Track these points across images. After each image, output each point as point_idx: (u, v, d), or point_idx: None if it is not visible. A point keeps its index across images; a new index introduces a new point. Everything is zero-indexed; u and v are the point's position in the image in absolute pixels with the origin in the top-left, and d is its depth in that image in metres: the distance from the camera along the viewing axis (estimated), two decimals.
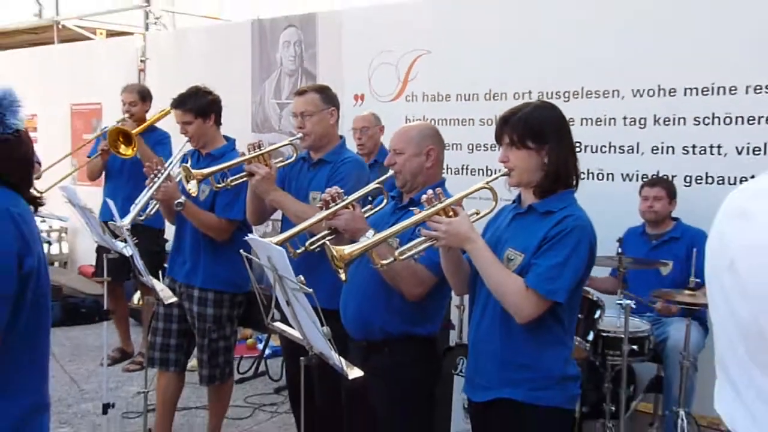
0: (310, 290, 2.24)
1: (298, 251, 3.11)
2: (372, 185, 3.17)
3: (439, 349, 3.28)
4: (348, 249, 2.54)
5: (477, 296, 2.67)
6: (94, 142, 6.10)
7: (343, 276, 2.54)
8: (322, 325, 2.26)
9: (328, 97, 3.81)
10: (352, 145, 4.70)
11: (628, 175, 4.88)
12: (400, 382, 2.99)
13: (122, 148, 5.58)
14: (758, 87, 4.42)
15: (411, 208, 2.70)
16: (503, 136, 2.57)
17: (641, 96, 4.83)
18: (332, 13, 6.61)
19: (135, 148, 5.54)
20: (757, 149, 4.45)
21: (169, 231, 4.77)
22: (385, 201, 3.15)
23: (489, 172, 2.95)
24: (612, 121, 4.95)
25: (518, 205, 2.67)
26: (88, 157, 6.11)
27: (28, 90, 8.86)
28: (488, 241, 2.57)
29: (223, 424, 4.54)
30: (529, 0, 5.65)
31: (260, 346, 6.18)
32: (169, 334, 4.29)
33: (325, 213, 2.94)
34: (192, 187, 3.78)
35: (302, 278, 2.26)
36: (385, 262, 2.59)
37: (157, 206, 4.13)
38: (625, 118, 4.90)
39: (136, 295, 6.75)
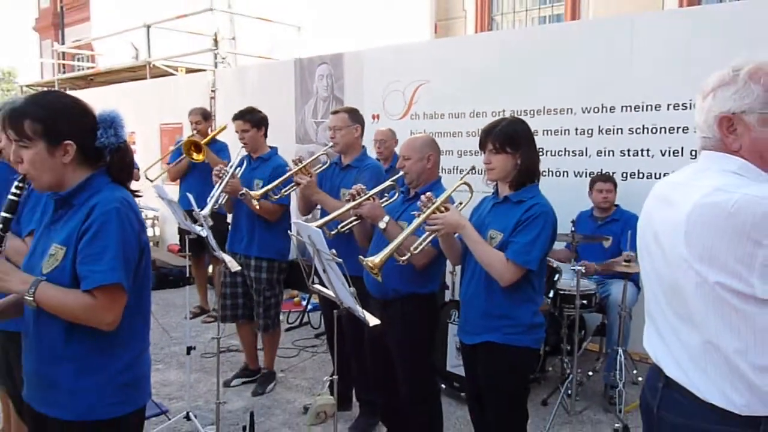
0: (341, 260, 2.25)
1: (332, 232, 3.15)
2: (387, 183, 3.18)
3: (438, 303, 3.28)
4: (377, 258, 2.57)
5: (467, 265, 2.69)
6: (174, 152, 6.13)
7: (379, 278, 2.56)
8: (350, 287, 2.26)
9: (355, 116, 3.81)
10: (372, 152, 4.69)
11: (579, 172, 4.84)
12: (408, 328, 3.00)
13: (194, 155, 5.62)
14: (677, 104, 4.38)
15: (413, 212, 2.69)
16: (487, 144, 2.58)
17: (589, 112, 4.78)
18: (356, 53, 6.57)
19: (204, 155, 5.57)
20: (676, 152, 4.40)
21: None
22: (396, 194, 3.16)
23: (476, 171, 2.94)
24: (566, 131, 4.90)
25: (496, 196, 2.67)
26: (168, 163, 6.14)
27: (128, 113, 8.94)
28: (474, 224, 2.59)
29: (275, 361, 4.58)
30: (500, 41, 5.63)
31: (304, 302, 6.20)
32: (236, 295, 4.32)
33: (352, 204, 2.96)
34: (256, 205, 3.83)
35: (334, 251, 2.26)
36: (404, 258, 2.65)
37: (226, 197, 4.13)
38: (576, 129, 4.85)
39: (211, 266, 6.78)
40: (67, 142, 1.77)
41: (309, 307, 6.07)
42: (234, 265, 3.24)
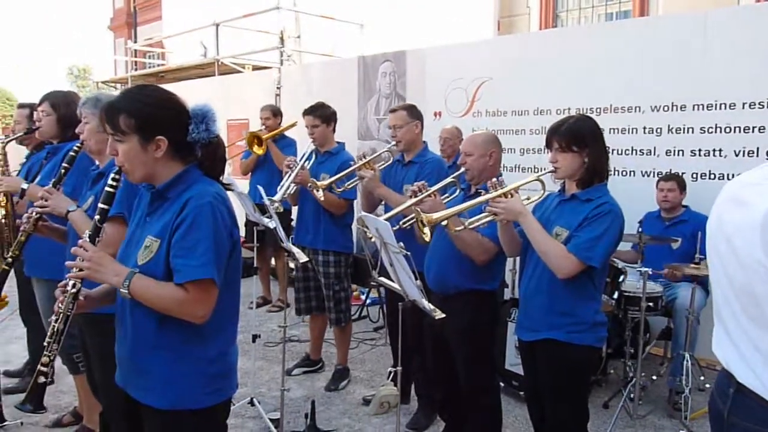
0: (408, 253, 2.29)
1: (395, 228, 3.18)
2: (448, 179, 3.19)
3: (498, 300, 3.28)
4: (435, 216, 2.62)
5: (527, 260, 2.68)
6: (245, 149, 6.32)
7: (426, 237, 2.59)
8: (416, 280, 2.30)
9: (414, 113, 3.85)
10: (435, 148, 4.72)
11: (646, 172, 4.72)
12: (469, 324, 3.01)
13: (255, 148, 5.80)
14: (753, 103, 4.22)
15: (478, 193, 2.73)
16: (553, 142, 2.56)
17: (658, 111, 4.66)
18: (418, 50, 6.59)
19: (264, 148, 5.73)
20: (751, 152, 4.24)
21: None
22: (457, 191, 3.17)
23: (536, 170, 2.94)
24: (634, 130, 4.80)
25: (563, 193, 2.66)
26: (243, 159, 6.33)
27: None
28: (538, 219, 2.57)
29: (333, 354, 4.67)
30: (566, 38, 5.55)
31: (363, 296, 6.29)
32: (308, 288, 4.43)
33: (414, 200, 2.99)
34: (320, 195, 3.92)
35: (402, 244, 2.31)
36: (457, 229, 2.67)
37: (294, 188, 4.22)
38: (644, 127, 4.73)
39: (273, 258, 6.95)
40: (159, 138, 1.81)
41: (368, 301, 6.16)
42: (301, 256, 3.33)
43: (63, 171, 2.83)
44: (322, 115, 4.28)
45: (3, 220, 3.34)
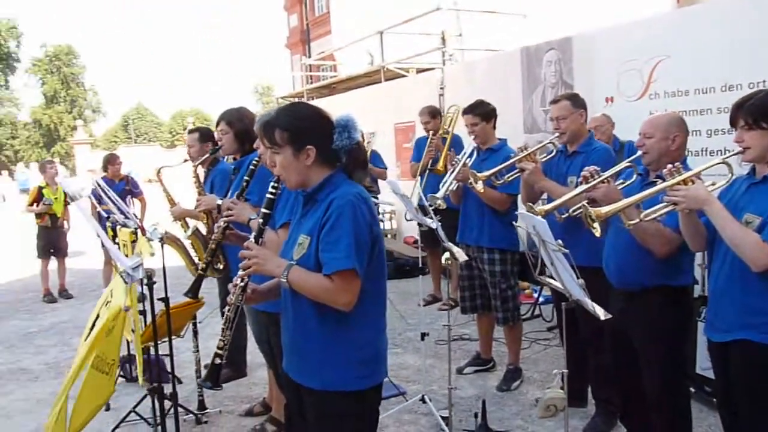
0: (567, 250, 2.19)
1: (563, 216, 3.06)
2: (623, 163, 2.97)
3: (691, 297, 2.99)
4: (604, 210, 2.46)
5: (716, 253, 2.42)
6: (414, 149, 6.46)
7: (597, 233, 2.46)
8: (578, 278, 2.19)
9: (577, 102, 3.68)
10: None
11: None
12: (656, 323, 2.78)
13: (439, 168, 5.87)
14: None
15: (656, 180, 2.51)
16: (738, 120, 2.30)
17: None
18: (585, 34, 6.27)
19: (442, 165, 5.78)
20: None
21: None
22: (634, 177, 2.92)
23: (727, 153, 2.61)
24: None
25: (752, 176, 2.37)
26: (411, 162, 6.47)
27: (367, 116, 9.65)
28: (725, 206, 2.31)
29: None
30: (758, 4, 4.92)
31: (535, 295, 6.12)
32: (473, 287, 4.42)
33: (585, 187, 2.83)
34: (479, 187, 3.90)
35: (560, 242, 2.21)
36: (632, 222, 2.47)
37: (456, 185, 4.23)
38: None
39: (445, 256, 7.01)
40: (308, 147, 2.03)
41: (540, 299, 5.98)
42: (461, 255, 3.34)
43: (245, 183, 3.11)
44: (481, 112, 4.25)
45: (207, 235, 3.83)
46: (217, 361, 2.15)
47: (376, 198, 6.32)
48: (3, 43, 49.65)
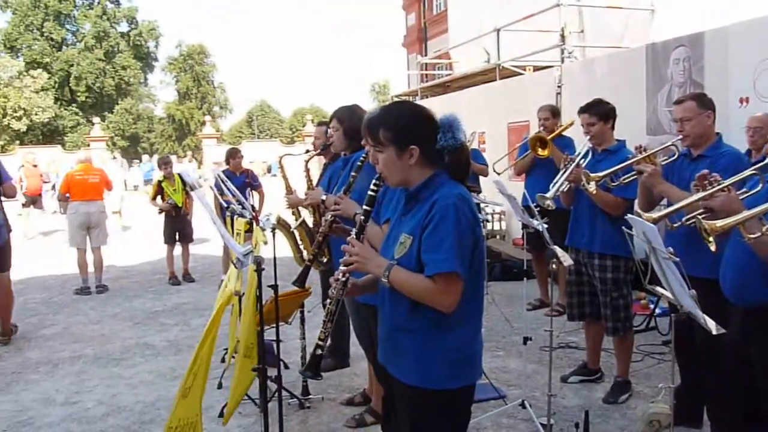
0: (677, 259, 2.07)
1: (675, 225, 2.88)
2: (748, 171, 2.73)
3: None
4: (719, 223, 2.27)
5: None
6: (520, 149, 6.36)
7: (712, 247, 2.29)
8: (689, 288, 2.07)
9: (703, 102, 3.44)
10: (740, 139, 4.14)
11: None
12: None
13: (539, 150, 5.74)
14: None
15: None
16: None
17: None
18: (719, 29, 5.86)
19: (549, 150, 5.64)
20: None
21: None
22: (760, 185, 2.70)
23: None
24: None
25: None
26: (516, 159, 6.40)
27: (479, 114, 9.59)
28: None
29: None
30: None
31: (651, 306, 5.81)
32: (582, 293, 4.27)
33: (701, 194, 2.64)
34: (591, 187, 3.76)
35: (671, 249, 2.10)
36: (753, 236, 2.26)
37: (567, 186, 4.12)
38: None
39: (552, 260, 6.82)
40: (412, 147, 2.05)
41: (657, 311, 5.66)
42: (567, 260, 3.25)
43: (351, 179, 3.22)
44: (598, 112, 4.10)
45: (314, 228, 3.98)
46: (318, 352, 2.22)
47: (478, 196, 6.26)
48: (144, 44, 53.95)
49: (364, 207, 2.20)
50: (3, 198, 5.88)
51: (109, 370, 5.09)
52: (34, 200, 13.62)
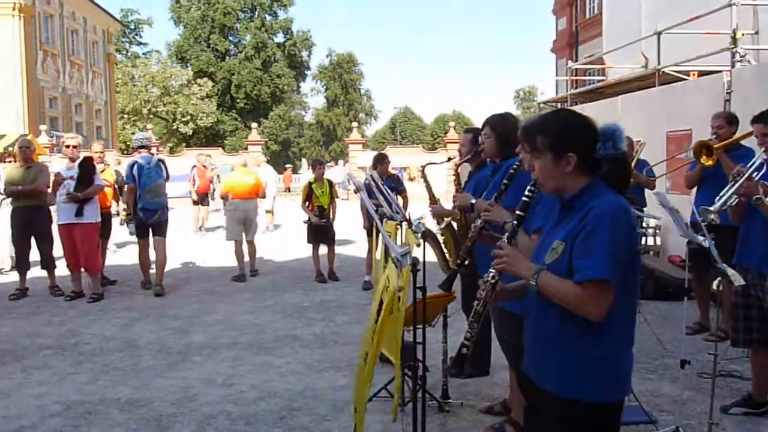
0: None
1: None
2: None
3: None
4: None
5: None
6: (691, 161, 5.95)
7: None
8: None
9: None
10: None
11: None
12: None
13: (703, 159, 5.35)
14: None
15: None
16: None
17: None
18: None
19: (714, 159, 5.23)
20: None
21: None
22: None
23: None
24: None
25: None
26: (689, 171, 5.97)
27: (635, 122, 9.17)
28: None
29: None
30: None
31: None
32: (749, 317, 3.95)
33: None
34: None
35: None
36: None
37: (736, 200, 3.85)
38: None
39: (716, 280, 6.30)
40: (569, 155, 2.05)
41: None
42: (738, 280, 3.02)
43: (503, 187, 3.23)
44: None
45: (458, 231, 4.04)
46: (464, 350, 2.26)
47: (641, 212, 5.93)
48: (297, 53, 57.22)
49: (517, 212, 2.23)
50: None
51: (262, 358, 5.47)
52: (202, 198, 15.02)
